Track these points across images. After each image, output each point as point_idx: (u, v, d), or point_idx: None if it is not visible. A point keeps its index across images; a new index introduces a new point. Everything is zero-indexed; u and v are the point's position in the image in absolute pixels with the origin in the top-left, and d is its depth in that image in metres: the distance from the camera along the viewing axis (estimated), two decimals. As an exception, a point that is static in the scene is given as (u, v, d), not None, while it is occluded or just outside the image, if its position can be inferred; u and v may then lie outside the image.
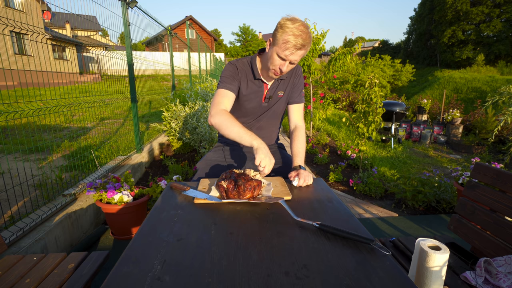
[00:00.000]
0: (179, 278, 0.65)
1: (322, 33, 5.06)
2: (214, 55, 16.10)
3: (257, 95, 1.46)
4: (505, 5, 24.77)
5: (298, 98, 1.53)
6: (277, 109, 1.54)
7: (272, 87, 1.47)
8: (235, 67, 1.43)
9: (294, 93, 1.52)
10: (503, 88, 3.89)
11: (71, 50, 14.33)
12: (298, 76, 1.52)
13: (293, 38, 1.19)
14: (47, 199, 2.16)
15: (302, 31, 1.19)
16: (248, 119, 1.52)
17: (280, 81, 1.47)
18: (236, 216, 0.94)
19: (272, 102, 1.50)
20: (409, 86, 24.15)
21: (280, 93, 1.49)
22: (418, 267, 0.90)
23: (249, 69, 1.45)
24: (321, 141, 5.43)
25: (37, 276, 1.13)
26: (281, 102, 1.52)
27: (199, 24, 30.35)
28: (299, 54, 1.24)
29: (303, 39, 1.19)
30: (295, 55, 1.24)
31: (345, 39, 61.09)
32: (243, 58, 1.49)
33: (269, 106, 1.50)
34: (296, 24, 1.19)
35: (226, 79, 1.39)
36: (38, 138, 4.39)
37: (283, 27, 1.20)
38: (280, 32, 1.22)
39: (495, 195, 1.20)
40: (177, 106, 4.46)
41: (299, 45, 1.20)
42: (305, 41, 1.20)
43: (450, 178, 3.51)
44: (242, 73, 1.44)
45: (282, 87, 1.49)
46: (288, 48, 1.21)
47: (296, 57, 1.25)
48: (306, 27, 1.21)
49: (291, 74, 1.50)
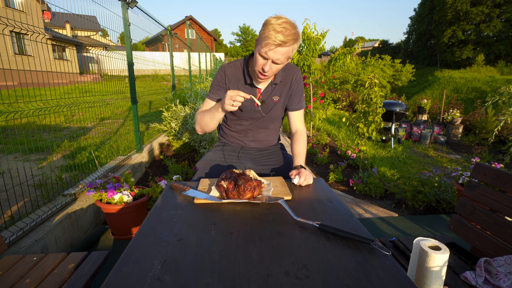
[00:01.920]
0: (179, 278, 0.65)
1: (322, 33, 5.06)
2: (214, 55, 16.11)
3: (249, 100, 1.38)
4: (505, 5, 24.78)
5: (299, 105, 1.48)
6: (274, 114, 1.48)
7: (266, 92, 1.41)
8: (224, 74, 1.39)
9: (294, 100, 1.46)
10: (503, 88, 3.90)
11: (71, 50, 14.34)
12: (296, 81, 1.44)
13: (273, 34, 1.12)
14: (47, 199, 2.16)
15: (284, 28, 1.12)
16: (247, 124, 1.50)
17: (275, 86, 1.40)
18: (236, 216, 0.94)
19: (267, 107, 1.43)
20: (409, 86, 24.16)
21: (275, 98, 1.43)
22: (418, 267, 0.90)
23: (240, 73, 1.39)
24: (321, 141, 5.43)
25: (37, 276, 1.13)
26: (278, 107, 1.46)
27: (199, 24, 30.36)
28: (280, 52, 1.16)
29: (284, 35, 1.12)
30: (275, 52, 1.16)
31: (345, 39, 61.12)
32: (236, 61, 1.43)
33: (264, 111, 1.44)
34: (279, 21, 1.13)
35: (213, 89, 1.43)
36: (38, 138, 4.39)
37: (266, 24, 1.15)
38: (263, 30, 1.16)
39: (495, 195, 1.20)
40: (177, 106, 4.46)
41: (278, 41, 1.12)
42: (287, 38, 1.12)
43: (450, 178, 3.51)
44: (232, 78, 1.39)
45: (277, 92, 1.42)
46: (267, 44, 1.14)
47: (278, 55, 1.17)
48: (291, 25, 1.14)
49: (288, 79, 1.42)
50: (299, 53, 5.23)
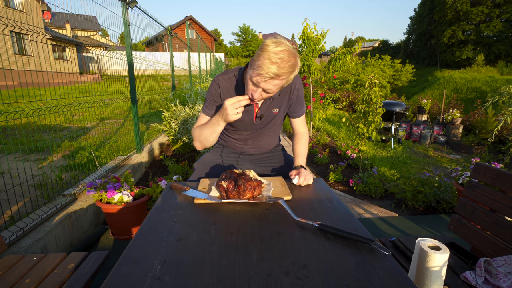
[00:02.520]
0: (179, 278, 0.65)
1: (322, 33, 5.06)
2: (214, 55, 16.11)
3: (247, 114, 1.34)
4: (505, 5, 24.76)
5: (300, 112, 1.44)
6: (273, 125, 1.45)
7: (263, 106, 1.33)
8: (218, 88, 1.32)
9: (295, 108, 1.42)
10: (503, 88, 3.90)
11: (71, 50, 14.34)
12: (296, 90, 1.37)
13: (267, 64, 1.03)
14: (47, 199, 2.16)
15: (280, 58, 1.03)
16: (246, 133, 1.48)
17: (273, 99, 1.33)
18: (236, 216, 0.94)
19: (265, 120, 1.39)
20: (409, 86, 24.15)
21: (275, 110, 1.37)
22: (418, 267, 0.90)
23: (236, 86, 1.32)
24: (321, 141, 5.43)
25: (37, 276, 1.13)
26: (277, 118, 1.43)
27: (199, 24, 30.35)
28: (272, 84, 1.08)
29: (279, 67, 1.03)
30: (267, 83, 1.08)
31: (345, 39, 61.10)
32: (230, 72, 1.33)
33: (262, 124, 1.40)
34: (278, 49, 1.03)
35: (207, 103, 1.36)
36: (38, 138, 4.39)
37: (262, 48, 1.06)
38: (257, 55, 1.07)
39: (495, 195, 1.20)
40: (177, 106, 4.47)
41: (272, 74, 1.04)
42: (281, 71, 1.04)
43: (450, 178, 3.51)
44: (227, 92, 1.32)
45: (276, 104, 1.35)
46: (260, 74, 1.06)
47: (270, 86, 1.08)
48: (289, 54, 1.04)
49: (287, 89, 1.35)
50: (299, 53, 5.23)
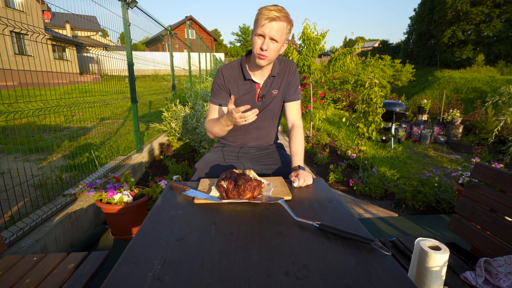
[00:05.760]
0: (179, 278, 0.65)
1: (322, 33, 5.06)
2: (214, 55, 16.11)
3: (250, 96, 1.46)
4: (505, 5, 24.77)
5: (295, 96, 1.52)
6: (273, 108, 1.52)
7: (265, 86, 1.46)
8: (222, 76, 1.46)
9: (290, 91, 1.51)
10: (503, 88, 3.90)
11: (71, 50, 14.34)
12: (292, 73, 1.51)
13: (266, 12, 1.23)
14: (47, 199, 2.15)
15: (275, 8, 1.23)
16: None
17: (273, 78, 1.46)
18: (236, 216, 0.94)
19: (266, 101, 1.48)
20: (409, 86, 24.16)
21: (275, 92, 1.48)
22: (418, 267, 0.90)
23: (238, 71, 1.45)
24: (321, 141, 5.43)
25: (37, 276, 1.13)
26: (277, 101, 1.51)
27: (199, 24, 30.35)
28: (275, 28, 1.24)
29: (277, 10, 1.23)
30: (270, 28, 1.24)
31: (345, 39, 61.11)
32: (232, 62, 1.50)
33: (264, 105, 1.49)
34: (271, 6, 1.25)
35: (214, 93, 1.49)
36: (38, 138, 4.39)
37: (258, 10, 1.26)
38: (256, 16, 1.28)
39: (495, 195, 1.20)
40: (177, 106, 4.47)
41: (272, 15, 1.22)
42: (280, 13, 1.23)
43: (450, 178, 3.51)
44: (230, 78, 1.45)
45: (275, 85, 1.48)
46: (261, 20, 1.24)
47: (273, 32, 1.25)
48: (282, 8, 1.25)
49: (284, 71, 1.49)
50: (299, 53, 5.23)
